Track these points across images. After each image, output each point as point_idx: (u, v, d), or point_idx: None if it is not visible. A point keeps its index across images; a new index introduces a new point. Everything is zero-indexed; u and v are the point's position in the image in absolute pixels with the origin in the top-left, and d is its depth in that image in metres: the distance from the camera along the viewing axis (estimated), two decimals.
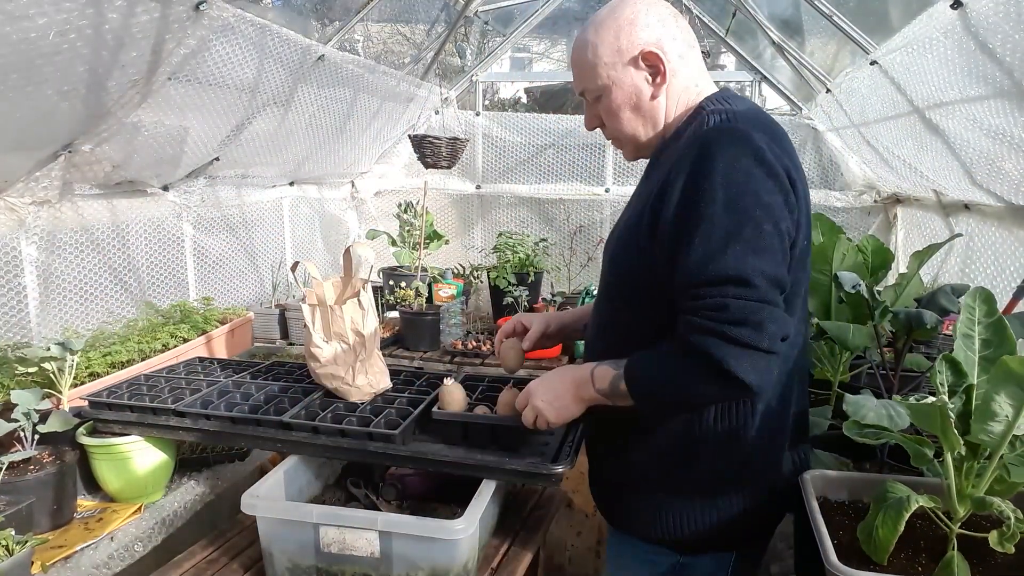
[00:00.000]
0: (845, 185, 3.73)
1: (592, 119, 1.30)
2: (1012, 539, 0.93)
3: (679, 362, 1.07)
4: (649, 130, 1.26)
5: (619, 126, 1.26)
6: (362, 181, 4.27)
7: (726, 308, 1.01)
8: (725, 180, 1.04)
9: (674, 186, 1.09)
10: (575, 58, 1.27)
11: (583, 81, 1.26)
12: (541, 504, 1.55)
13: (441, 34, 3.65)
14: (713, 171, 1.05)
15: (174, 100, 2.21)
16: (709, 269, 1.03)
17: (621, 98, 1.22)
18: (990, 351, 1.03)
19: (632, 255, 1.19)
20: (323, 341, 1.57)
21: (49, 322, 2.20)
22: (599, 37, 1.21)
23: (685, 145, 1.13)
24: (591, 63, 1.22)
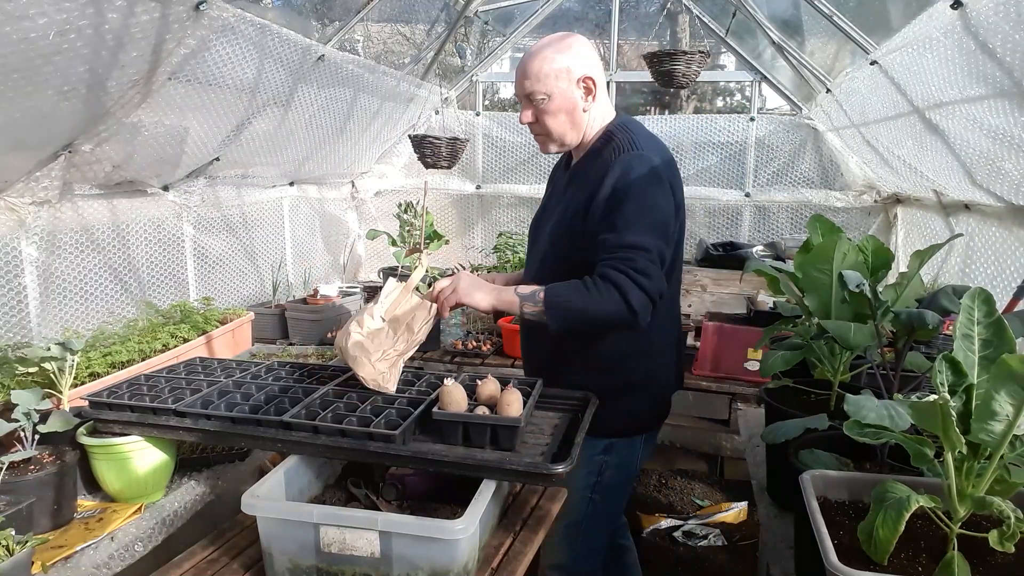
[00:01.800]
0: (845, 185, 3.73)
1: (529, 115, 1.67)
2: (1012, 539, 0.93)
3: (594, 286, 1.51)
4: (575, 136, 1.70)
5: (555, 125, 1.67)
6: (362, 181, 4.27)
7: (635, 261, 1.50)
8: (637, 190, 1.55)
9: (603, 190, 1.58)
10: (535, 67, 1.62)
11: (537, 85, 1.62)
12: (541, 504, 1.55)
13: (441, 34, 3.65)
14: (630, 184, 1.56)
15: (174, 100, 2.21)
16: (626, 239, 1.52)
17: (564, 105, 1.64)
18: (990, 351, 1.03)
19: (574, 234, 1.65)
20: (380, 316, 1.61)
21: (49, 322, 2.20)
22: (556, 56, 1.61)
23: (606, 164, 1.61)
24: (547, 73, 1.61)
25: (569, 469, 1.30)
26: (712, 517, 3.28)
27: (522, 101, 1.68)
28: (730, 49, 3.91)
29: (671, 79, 3.20)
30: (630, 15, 4.12)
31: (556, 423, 1.58)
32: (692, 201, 4.02)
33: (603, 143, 1.67)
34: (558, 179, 1.86)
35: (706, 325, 2.85)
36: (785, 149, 3.87)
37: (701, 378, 2.81)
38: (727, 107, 6.43)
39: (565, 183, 1.77)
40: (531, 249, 1.87)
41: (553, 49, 1.62)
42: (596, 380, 1.68)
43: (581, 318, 1.54)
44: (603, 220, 1.56)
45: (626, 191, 1.55)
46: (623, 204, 1.55)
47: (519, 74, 1.65)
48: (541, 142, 1.74)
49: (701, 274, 3.44)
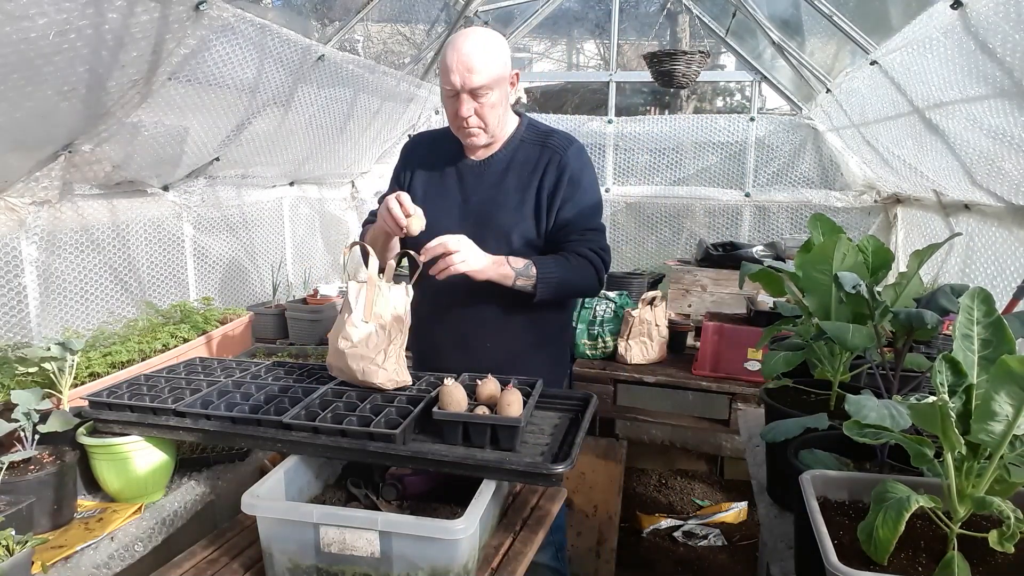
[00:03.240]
0: (845, 185, 3.73)
1: (471, 109, 1.72)
2: (1012, 539, 0.93)
3: (575, 262, 1.77)
4: (502, 129, 1.84)
5: (494, 118, 1.76)
6: (362, 181, 4.27)
7: (599, 240, 1.83)
8: (589, 179, 1.86)
9: (564, 177, 1.80)
10: (483, 59, 1.68)
11: (485, 79, 1.68)
12: (541, 504, 1.55)
13: (441, 34, 3.65)
14: (583, 172, 1.84)
15: (174, 100, 2.21)
16: (591, 223, 1.84)
17: (500, 98, 1.76)
18: (989, 351, 1.03)
19: (539, 219, 1.82)
20: (362, 321, 1.57)
21: (49, 322, 2.20)
22: (498, 52, 1.72)
23: (555, 153, 1.82)
24: (494, 65, 1.70)
25: (569, 469, 1.30)
26: (712, 517, 3.28)
27: (460, 95, 1.71)
28: (730, 49, 3.91)
29: (671, 79, 3.20)
30: (630, 15, 4.13)
31: (556, 423, 1.58)
32: (692, 201, 4.03)
33: (536, 133, 1.88)
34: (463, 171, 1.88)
35: (706, 325, 2.85)
36: (785, 149, 3.87)
37: (701, 378, 2.81)
38: (727, 107, 6.43)
39: (496, 172, 1.85)
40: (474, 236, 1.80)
41: (494, 45, 1.72)
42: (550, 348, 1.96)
43: (564, 290, 1.81)
44: (568, 205, 1.80)
45: (580, 179, 1.82)
46: (583, 191, 1.83)
47: (461, 68, 1.67)
48: (475, 135, 1.78)
49: (701, 274, 3.44)
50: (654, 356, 2.98)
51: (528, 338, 1.90)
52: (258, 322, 2.99)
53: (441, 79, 1.75)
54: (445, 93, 1.75)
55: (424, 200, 1.85)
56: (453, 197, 1.88)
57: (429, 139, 2.02)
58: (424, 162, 1.95)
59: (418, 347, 2.00)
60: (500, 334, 1.87)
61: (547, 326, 1.94)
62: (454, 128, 1.83)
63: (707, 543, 3.09)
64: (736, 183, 3.97)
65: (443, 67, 1.72)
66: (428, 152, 1.96)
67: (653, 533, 3.17)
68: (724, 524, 3.24)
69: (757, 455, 1.89)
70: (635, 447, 3.17)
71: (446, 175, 1.90)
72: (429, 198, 1.88)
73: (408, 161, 1.98)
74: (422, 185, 1.92)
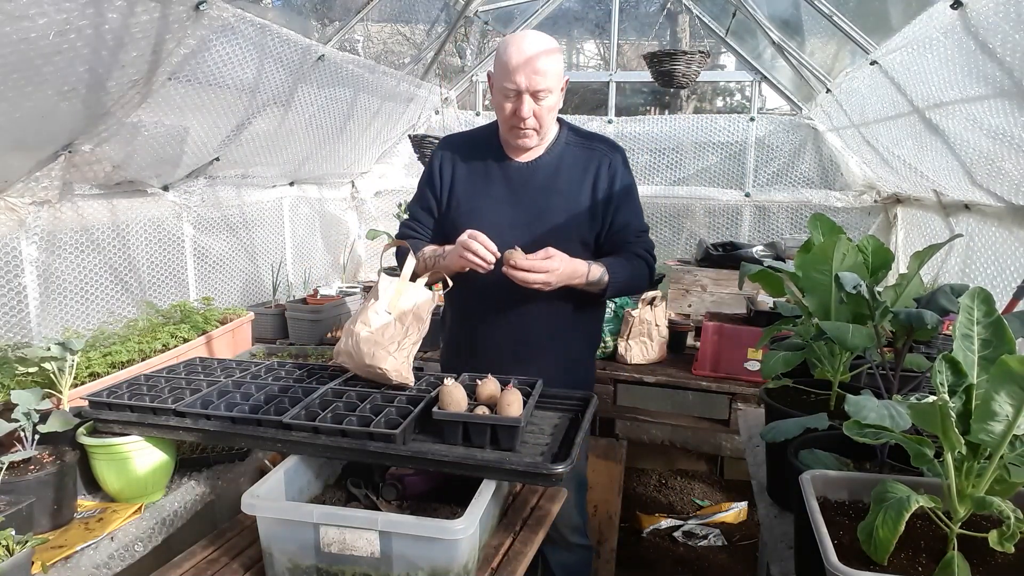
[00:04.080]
0: (845, 185, 3.73)
1: (531, 110, 1.74)
2: (1012, 539, 0.93)
3: (638, 264, 1.86)
4: (552, 131, 1.89)
5: (549, 121, 1.81)
6: (362, 181, 4.27)
7: (649, 242, 1.93)
8: (633, 182, 1.94)
9: (617, 181, 1.87)
10: (548, 64, 1.70)
11: (549, 82, 1.71)
12: (541, 504, 1.55)
13: (441, 34, 3.65)
14: (630, 176, 1.93)
15: (174, 100, 2.21)
16: (642, 224, 1.94)
17: (557, 102, 1.79)
18: (989, 351, 1.03)
19: (595, 220, 1.87)
20: (385, 311, 1.60)
21: (49, 322, 2.20)
22: (558, 57, 1.75)
23: (604, 156, 1.88)
24: (556, 69, 1.73)
25: (569, 469, 1.30)
26: (712, 517, 3.28)
27: (522, 95, 1.72)
28: (730, 49, 3.91)
29: (671, 79, 3.20)
30: (630, 15, 4.12)
31: (556, 423, 1.58)
32: (692, 201, 4.03)
33: (580, 137, 1.92)
34: (510, 172, 1.87)
35: (706, 325, 2.85)
36: (785, 149, 3.87)
37: (701, 378, 2.81)
38: (727, 107, 6.43)
39: (545, 175, 1.87)
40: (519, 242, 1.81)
41: (554, 48, 1.74)
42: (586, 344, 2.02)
43: (624, 291, 1.91)
44: (623, 209, 1.87)
45: (630, 184, 1.90)
46: (633, 195, 1.91)
47: (528, 69, 1.68)
48: (529, 136, 1.80)
49: (701, 274, 3.44)
50: (654, 356, 2.98)
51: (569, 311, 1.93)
52: (258, 322, 2.99)
53: (500, 77, 1.73)
54: (503, 91, 1.74)
55: (469, 202, 1.88)
56: (501, 198, 1.87)
57: (463, 140, 2.00)
58: (463, 163, 1.92)
59: (457, 340, 2.02)
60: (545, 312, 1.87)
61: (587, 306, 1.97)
62: (506, 127, 1.81)
63: (707, 543, 3.09)
64: (736, 183, 3.97)
65: (505, 66, 1.70)
66: (466, 153, 1.93)
67: (653, 533, 3.17)
68: (724, 524, 3.24)
69: (757, 455, 1.89)
70: (635, 447, 3.17)
71: (490, 176, 1.89)
72: (474, 200, 1.88)
73: (444, 162, 1.94)
74: (464, 187, 1.90)
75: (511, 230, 1.81)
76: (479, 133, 1.99)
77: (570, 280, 1.72)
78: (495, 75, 1.77)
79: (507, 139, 1.87)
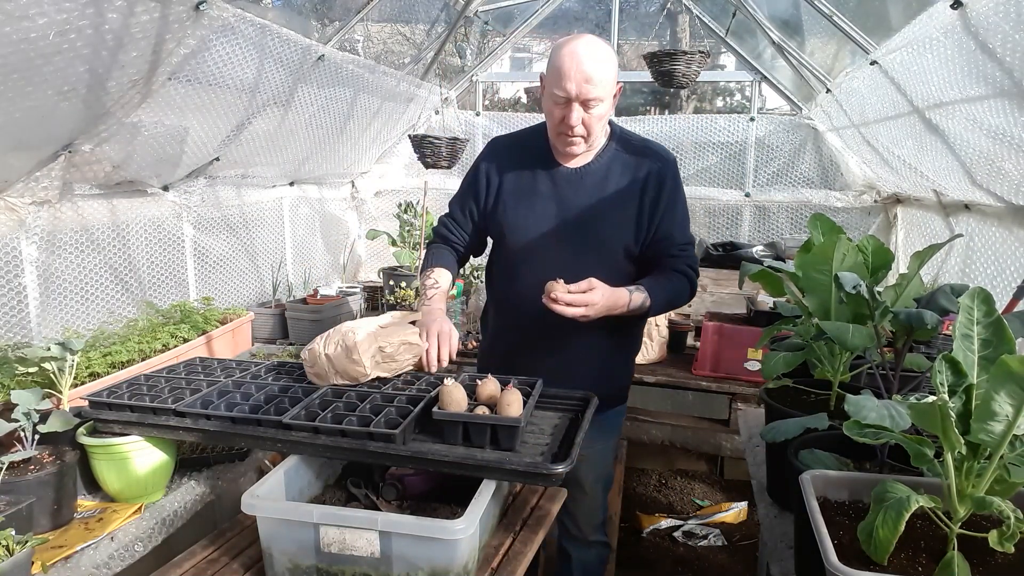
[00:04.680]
0: (845, 185, 3.73)
1: (580, 118, 1.70)
2: (1012, 539, 0.93)
3: (679, 282, 1.81)
4: (602, 138, 1.86)
5: (598, 129, 1.76)
6: (362, 181, 4.27)
7: (692, 257, 1.87)
8: (683, 193, 1.88)
9: (665, 191, 1.81)
10: (599, 74, 1.65)
11: (600, 91, 1.67)
12: (541, 504, 1.55)
13: (441, 34, 3.65)
14: (679, 187, 1.85)
15: (174, 100, 2.21)
16: (686, 236, 1.87)
17: (608, 109, 1.75)
18: (989, 351, 1.02)
19: (640, 230, 1.81)
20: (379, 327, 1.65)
21: (49, 322, 2.20)
22: (612, 64, 1.69)
23: (655, 164, 1.82)
24: (609, 78, 1.68)
25: (569, 469, 1.30)
26: (712, 517, 3.28)
27: (572, 103, 1.68)
28: (730, 49, 3.91)
29: (671, 79, 3.20)
30: (630, 15, 4.12)
31: (556, 423, 1.58)
32: (692, 201, 3.99)
33: (631, 143, 1.87)
34: (558, 178, 1.84)
35: (706, 325, 2.85)
36: (785, 149, 3.87)
37: (701, 378, 2.81)
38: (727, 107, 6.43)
39: (595, 182, 1.83)
40: (565, 248, 1.82)
41: (609, 55, 1.69)
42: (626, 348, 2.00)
43: (665, 311, 1.89)
44: (668, 218, 1.81)
45: (678, 193, 1.84)
46: (679, 205, 1.84)
47: (579, 77, 1.63)
48: (576, 143, 1.76)
49: (701, 274, 3.43)
50: (654, 356, 2.98)
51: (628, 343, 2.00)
52: (258, 322, 2.99)
53: (551, 83, 1.69)
54: (553, 97, 1.70)
55: (516, 205, 1.86)
56: (548, 204, 1.83)
57: (511, 142, 1.97)
58: (511, 166, 1.89)
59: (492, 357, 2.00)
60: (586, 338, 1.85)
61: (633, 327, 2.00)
62: (554, 132, 1.78)
63: (707, 543, 3.09)
64: (736, 183, 3.97)
65: (557, 72, 1.66)
66: (515, 156, 1.90)
67: (653, 533, 3.17)
68: (724, 524, 3.24)
69: (757, 455, 1.89)
70: (635, 447, 3.17)
71: (538, 181, 1.85)
72: (521, 203, 1.85)
73: (493, 163, 1.91)
74: (512, 190, 1.87)
75: (556, 237, 1.81)
76: (527, 135, 1.96)
77: (611, 311, 1.68)
78: (546, 79, 1.73)
79: (555, 144, 1.83)
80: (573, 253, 1.81)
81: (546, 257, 1.82)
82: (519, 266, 1.87)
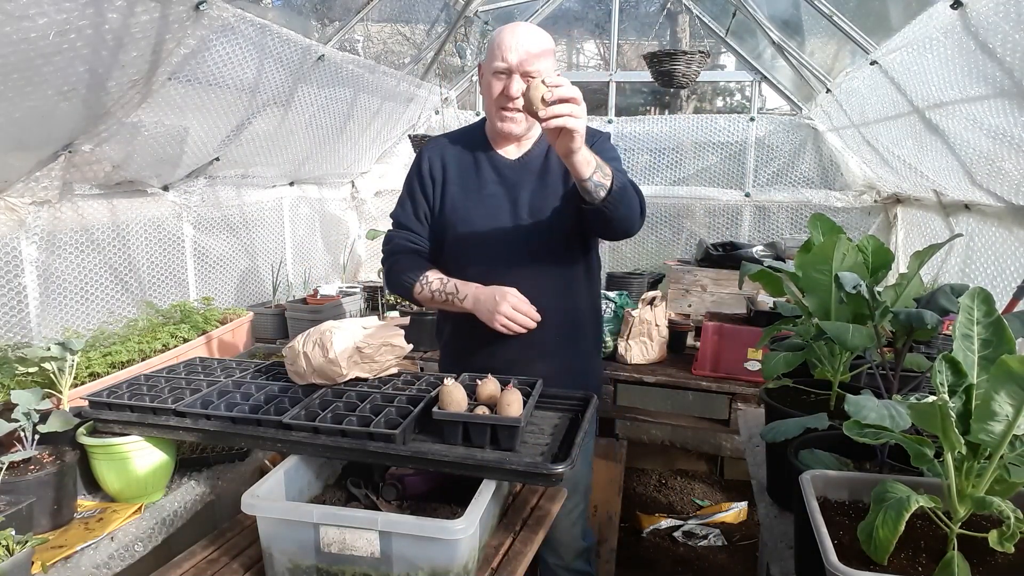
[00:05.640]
0: (845, 185, 3.73)
1: (520, 89, 1.68)
2: (1012, 539, 0.93)
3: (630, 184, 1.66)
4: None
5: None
6: (362, 181, 4.27)
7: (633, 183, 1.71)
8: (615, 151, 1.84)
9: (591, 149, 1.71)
10: (540, 47, 1.70)
11: (540, 64, 1.69)
12: (541, 504, 1.55)
13: (441, 34, 3.65)
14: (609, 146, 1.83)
15: (174, 100, 2.21)
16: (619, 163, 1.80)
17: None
18: (989, 351, 1.03)
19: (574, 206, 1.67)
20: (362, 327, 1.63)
21: (49, 322, 2.20)
22: (551, 44, 1.74)
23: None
24: (548, 55, 1.72)
25: (569, 469, 1.30)
26: (712, 517, 3.28)
27: (512, 75, 1.69)
28: (730, 49, 3.91)
29: (671, 79, 3.20)
30: (630, 15, 4.12)
31: (556, 423, 1.58)
32: (692, 201, 4.03)
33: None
34: (502, 169, 1.82)
35: (706, 325, 2.85)
36: (785, 149, 3.87)
37: (701, 378, 2.81)
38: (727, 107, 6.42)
39: (537, 168, 1.82)
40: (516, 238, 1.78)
41: (547, 37, 1.74)
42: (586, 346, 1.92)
43: (627, 201, 1.60)
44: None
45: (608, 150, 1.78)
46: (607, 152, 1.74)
47: (520, 47, 1.67)
48: (516, 120, 1.75)
49: (701, 274, 3.44)
50: (654, 356, 2.98)
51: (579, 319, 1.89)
52: (258, 322, 2.99)
53: (491, 59, 1.72)
54: (493, 71, 1.71)
55: (464, 200, 1.82)
56: (498, 196, 1.81)
57: (449, 140, 1.93)
58: (452, 164, 1.86)
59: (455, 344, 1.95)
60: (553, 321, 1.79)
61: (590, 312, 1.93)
62: (493, 110, 1.77)
63: (707, 543, 3.10)
64: (736, 183, 3.97)
65: (496, 46, 1.70)
66: (454, 151, 1.88)
67: (653, 533, 3.17)
68: (724, 524, 3.25)
69: (757, 455, 1.89)
70: (635, 447, 3.17)
71: (483, 174, 1.83)
72: (469, 199, 1.83)
73: (433, 163, 1.87)
74: (457, 186, 1.84)
75: (506, 227, 1.79)
76: (463, 132, 1.95)
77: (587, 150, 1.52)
78: (486, 61, 1.76)
79: (493, 126, 1.82)
80: (525, 241, 1.78)
81: (497, 248, 1.79)
82: (470, 259, 1.81)
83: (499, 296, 1.69)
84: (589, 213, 1.61)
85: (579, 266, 1.86)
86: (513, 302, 1.68)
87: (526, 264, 1.77)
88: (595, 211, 1.58)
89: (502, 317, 1.67)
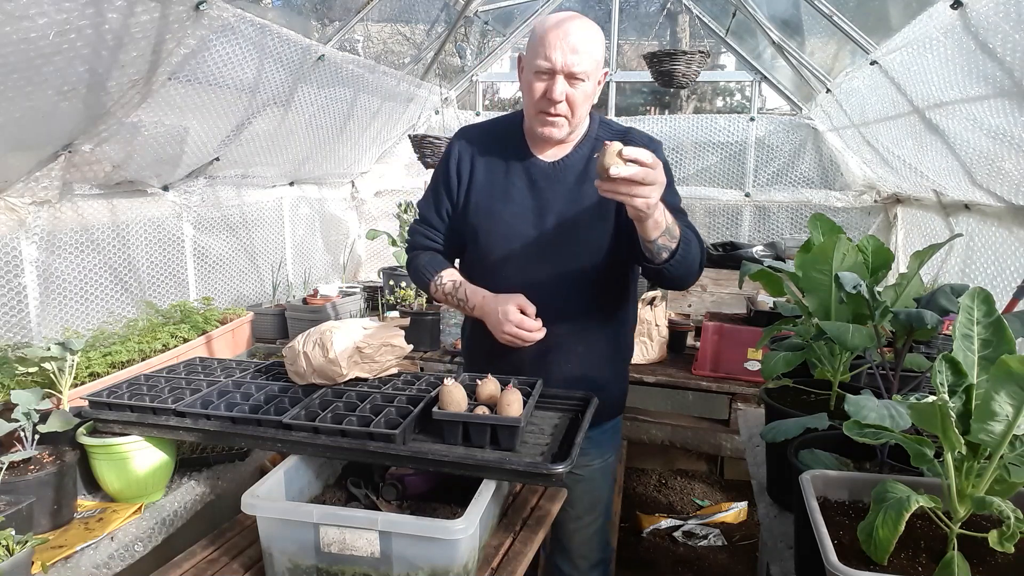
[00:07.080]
0: (845, 185, 3.73)
1: (563, 92, 1.57)
2: (1012, 539, 0.93)
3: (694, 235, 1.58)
4: (581, 124, 1.69)
5: (582, 111, 1.62)
6: (362, 181, 4.27)
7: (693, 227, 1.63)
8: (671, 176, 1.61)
9: None
10: (588, 45, 1.54)
11: (587, 65, 1.54)
12: (541, 504, 1.55)
13: (441, 34, 3.65)
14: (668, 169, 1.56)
15: (174, 100, 2.21)
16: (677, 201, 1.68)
17: (591, 91, 1.62)
18: (989, 351, 1.02)
19: (608, 225, 1.66)
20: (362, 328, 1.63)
21: (49, 322, 2.20)
22: (600, 40, 1.59)
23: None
24: (596, 54, 1.57)
25: (569, 469, 1.30)
26: (712, 517, 3.28)
27: (556, 75, 1.54)
28: (730, 49, 3.91)
29: (671, 79, 3.20)
30: (630, 15, 4.12)
31: (556, 423, 1.57)
32: (692, 201, 4.02)
33: (612, 132, 1.71)
34: (534, 173, 1.69)
35: (706, 325, 2.85)
36: (785, 149, 3.87)
37: (701, 378, 2.81)
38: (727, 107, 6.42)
39: (573, 177, 1.67)
40: (543, 252, 1.68)
41: (596, 32, 1.58)
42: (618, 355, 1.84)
43: (691, 257, 1.54)
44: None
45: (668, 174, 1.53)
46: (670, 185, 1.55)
47: (566, 47, 1.51)
48: (558, 124, 1.61)
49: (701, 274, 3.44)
50: (654, 356, 2.98)
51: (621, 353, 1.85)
52: (258, 322, 2.99)
53: (533, 55, 1.56)
54: (535, 70, 1.56)
55: (489, 203, 1.71)
56: (524, 202, 1.69)
57: (482, 133, 1.79)
58: (482, 160, 1.73)
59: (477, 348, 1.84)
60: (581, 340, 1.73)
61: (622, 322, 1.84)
62: (533, 112, 1.62)
63: (707, 543, 3.09)
64: (736, 183, 3.97)
65: (541, 42, 1.53)
66: (485, 148, 1.74)
67: (653, 533, 3.17)
68: (724, 524, 3.25)
69: (757, 455, 1.89)
70: (635, 447, 3.17)
71: (512, 176, 1.70)
72: (495, 203, 1.71)
73: (463, 158, 1.74)
74: (484, 186, 1.72)
75: (535, 238, 1.68)
76: (500, 125, 1.79)
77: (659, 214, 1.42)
78: (527, 55, 1.60)
79: (532, 128, 1.67)
80: (552, 256, 1.68)
81: (523, 261, 1.69)
82: (496, 270, 1.72)
83: (502, 313, 1.60)
84: (646, 267, 1.56)
85: (613, 282, 1.75)
86: (516, 319, 1.58)
87: (551, 276, 1.67)
88: (654, 269, 1.53)
89: (506, 336, 1.61)
